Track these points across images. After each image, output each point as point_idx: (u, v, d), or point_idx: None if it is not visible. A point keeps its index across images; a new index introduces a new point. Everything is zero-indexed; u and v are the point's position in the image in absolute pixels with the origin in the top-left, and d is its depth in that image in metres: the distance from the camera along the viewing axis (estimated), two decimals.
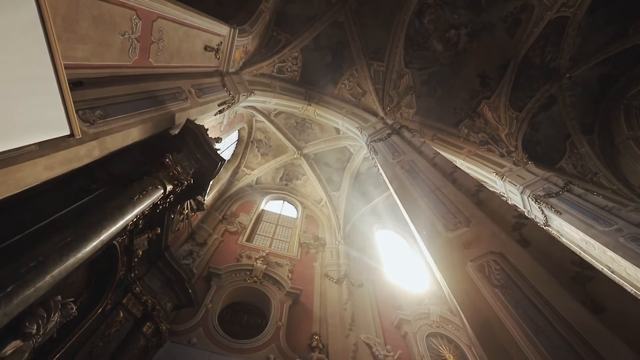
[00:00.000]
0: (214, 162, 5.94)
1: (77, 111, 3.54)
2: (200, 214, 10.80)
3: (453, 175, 5.36)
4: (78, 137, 3.47)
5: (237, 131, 13.32)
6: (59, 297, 3.51)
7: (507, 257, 3.39)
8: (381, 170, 7.82)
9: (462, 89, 12.98)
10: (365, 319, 9.27)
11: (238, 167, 13.76)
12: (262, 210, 13.32)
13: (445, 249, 3.98)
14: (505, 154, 11.82)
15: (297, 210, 14.18)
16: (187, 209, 7.72)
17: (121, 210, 3.96)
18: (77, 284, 5.09)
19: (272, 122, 13.18)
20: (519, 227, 3.68)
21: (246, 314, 9.26)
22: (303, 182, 14.78)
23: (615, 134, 12.81)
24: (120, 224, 3.98)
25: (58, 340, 4.46)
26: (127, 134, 4.44)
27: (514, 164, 11.20)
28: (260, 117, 12.97)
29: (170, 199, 5.33)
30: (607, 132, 13.01)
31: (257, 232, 11.90)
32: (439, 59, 12.67)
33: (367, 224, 14.29)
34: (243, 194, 13.57)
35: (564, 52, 12.46)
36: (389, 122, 9.86)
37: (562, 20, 11.87)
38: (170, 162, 5.10)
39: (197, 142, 5.77)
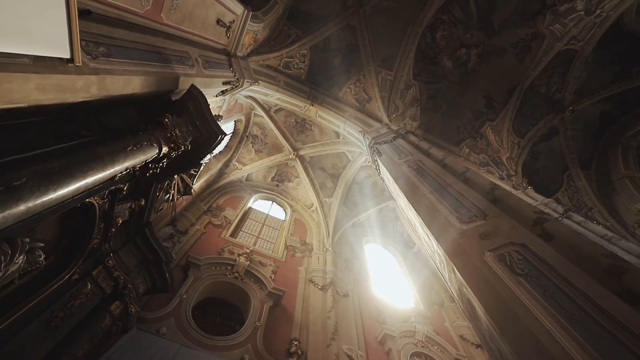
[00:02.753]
0: (214, 133, 5.67)
1: (80, 40, 3.28)
2: (185, 201, 10.38)
3: (465, 175, 5.25)
4: (78, 64, 3.20)
5: (233, 122, 13.08)
6: (27, 239, 3.14)
7: (531, 248, 3.23)
8: (384, 171, 7.68)
9: (467, 108, 13.17)
10: (349, 330, 8.89)
11: (230, 160, 13.44)
12: (250, 207, 12.95)
13: (459, 240, 3.79)
14: (505, 177, 11.91)
15: (285, 212, 13.85)
16: (173, 189, 7.38)
17: (112, 157, 3.65)
18: (45, 244, 4.66)
19: (271, 117, 13.01)
20: (541, 222, 3.54)
21: (222, 311, 8.78)
22: (295, 185, 14.51)
23: (612, 172, 13.12)
24: (108, 172, 3.66)
25: (15, 301, 4.02)
26: (128, 80, 4.17)
27: (513, 187, 11.27)
28: (259, 111, 12.80)
29: (163, 163, 5.01)
30: (605, 168, 13.33)
31: (242, 229, 11.49)
32: (447, 76, 12.88)
33: (356, 235, 14.06)
34: (232, 189, 13.19)
35: (569, 85, 12.87)
36: (394, 127, 9.83)
37: (571, 53, 12.31)
38: (169, 123, 4.83)
39: (199, 109, 5.51)
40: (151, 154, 4.47)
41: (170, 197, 7.55)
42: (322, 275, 10.43)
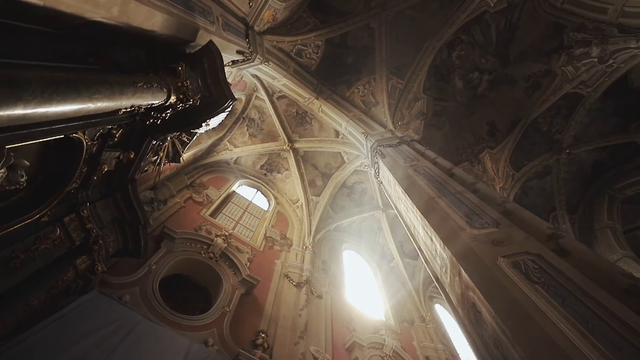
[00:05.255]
0: (224, 96, 5.44)
1: None
2: (168, 170, 9.98)
3: (475, 185, 5.23)
4: None
5: None
6: (13, 153, 2.84)
7: (547, 259, 3.19)
8: (386, 173, 7.62)
9: (469, 132, 13.40)
10: (318, 331, 8.70)
11: (221, 139, 13.09)
12: (234, 191, 12.62)
13: (470, 244, 3.72)
14: None
15: (269, 203, 13.58)
16: (163, 152, 7.08)
17: (121, 88, 3.40)
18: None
19: (273, 103, 12.80)
20: (556, 237, 3.52)
21: (188, 292, 8.45)
22: (284, 177, 14.29)
23: (595, 220, 13.58)
24: (114, 103, 3.40)
25: None
26: (151, 13, 3.93)
27: None
28: (262, 94, 12.57)
29: (166, 114, 4.74)
30: (589, 216, 13.79)
31: (223, 211, 11.15)
32: (456, 96, 13.08)
33: (337, 239, 13.95)
34: (218, 168, 12.84)
35: (570, 128, 13.33)
36: (399, 134, 9.82)
37: (577, 97, 12.77)
38: (181, 71, 4.59)
39: (213, 67, 5.28)
40: (159, 98, 4.22)
41: (158, 160, 7.24)
42: (298, 272, 10.22)
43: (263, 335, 7.44)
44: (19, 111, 2.34)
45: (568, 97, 12.66)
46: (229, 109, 5.77)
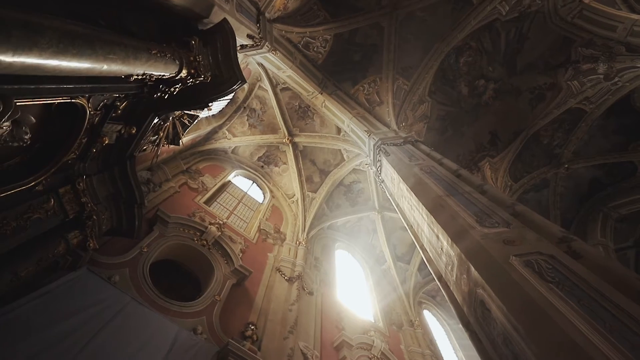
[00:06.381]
0: (234, 77, 5.34)
1: None
2: (165, 154, 9.81)
3: (482, 187, 5.21)
4: None
5: None
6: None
7: (560, 260, 3.17)
8: (389, 171, 7.59)
9: (471, 139, 13.47)
10: (307, 328, 8.63)
11: (221, 127, 12.93)
12: (229, 181, 12.47)
13: (481, 241, 3.68)
14: None
15: (264, 196, 13.46)
16: (163, 132, 6.97)
17: (135, 53, 3.29)
18: None
19: (276, 94, 12.69)
20: (567, 240, 3.51)
21: (176, 281, 8.30)
22: (281, 171, 14.18)
23: (588, 236, 13.75)
24: (127, 67, 3.29)
25: None
26: None
27: None
28: (265, 84, 12.45)
29: (175, 89, 4.62)
30: (582, 232, 13.95)
31: (218, 200, 11.01)
32: (461, 102, 13.14)
33: (330, 238, 13.89)
34: (215, 157, 12.68)
35: (570, 143, 13.50)
36: (403, 135, 9.81)
37: (580, 113, 12.94)
38: (195, 45, 4.49)
39: (226, 46, 5.18)
40: (170, 70, 4.11)
41: (157, 140, 7.13)
42: (290, 267, 10.13)
43: (252, 328, 7.34)
44: (33, 59, 2.23)
45: (571, 111, 12.82)
46: (236, 90, 5.66)
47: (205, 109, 6.70)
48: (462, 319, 3.98)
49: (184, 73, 4.41)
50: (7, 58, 2.07)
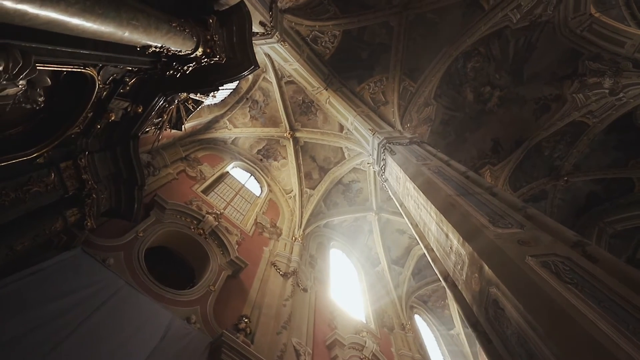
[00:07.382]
0: (248, 61, 5.27)
1: None
2: (165, 139, 9.67)
3: (492, 189, 5.22)
4: None
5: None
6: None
7: (577, 262, 3.17)
8: (395, 169, 7.57)
9: (473, 146, 13.54)
10: (301, 324, 8.57)
11: (222, 116, 12.81)
12: (227, 172, 12.36)
13: (495, 241, 3.67)
14: None
15: (262, 190, 13.37)
16: (167, 115, 6.88)
17: (157, 23, 3.21)
18: None
19: (280, 87, 12.61)
20: (582, 244, 3.51)
21: (171, 267, 8.21)
22: (280, 166, 14.10)
23: None
24: (146, 37, 3.21)
25: None
26: None
27: None
28: (270, 76, 12.37)
29: (188, 67, 4.53)
30: None
31: (215, 190, 10.90)
32: (465, 108, 13.19)
33: (326, 236, 13.86)
34: (214, 146, 12.56)
35: (571, 156, 13.64)
36: (408, 135, 9.81)
37: (582, 126, 13.09)
38: (212, 24, 4.42)
39: (242, 29, 5.11)
40: (187, 47, 4.03)
41: (160, 124, 7.03)
42: (286, 263, 10.08)
43: (246, 320, 7.25)
44: (58, 14, 2.14)
45: (574, 124, 12.96)
46: (249, 74, 5.59)
47: (210, 96, 6.60)
48: (470, 319, 3.96)
49: (199, 52, 4.33)
50: (34, 10, 1.99)
